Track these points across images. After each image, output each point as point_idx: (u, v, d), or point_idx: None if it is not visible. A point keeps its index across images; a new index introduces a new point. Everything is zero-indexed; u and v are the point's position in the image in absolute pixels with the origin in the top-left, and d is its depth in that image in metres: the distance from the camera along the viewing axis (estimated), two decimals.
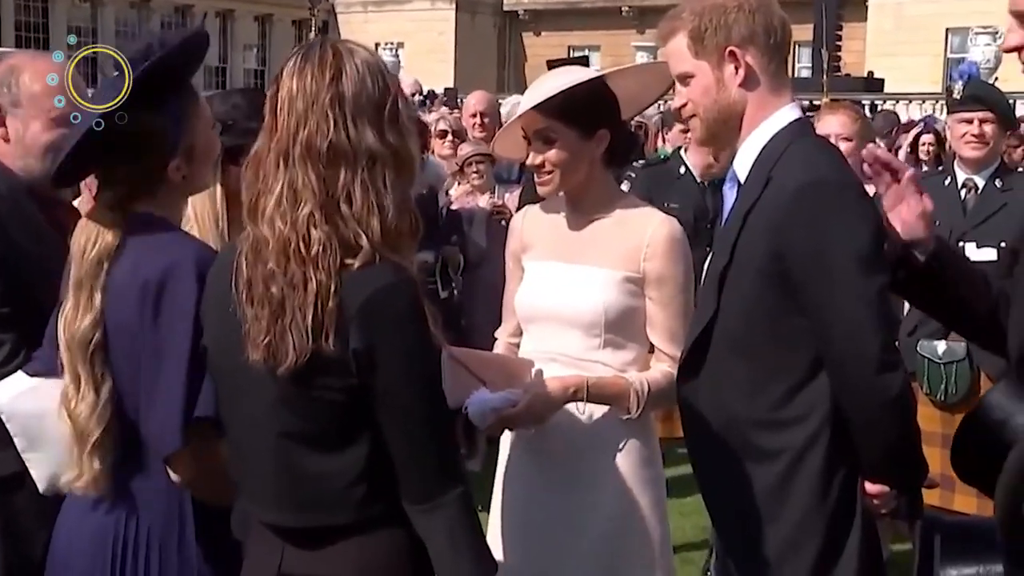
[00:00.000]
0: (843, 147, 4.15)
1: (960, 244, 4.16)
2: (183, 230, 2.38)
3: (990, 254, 4.16)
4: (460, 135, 6.72)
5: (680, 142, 5.94)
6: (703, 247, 3.42)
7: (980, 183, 4.42)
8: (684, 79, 2.49)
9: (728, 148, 2.58)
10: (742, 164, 2.47)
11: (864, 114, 5.31)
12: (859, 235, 2.29)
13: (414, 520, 1.91)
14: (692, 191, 5.25)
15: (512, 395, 2.47)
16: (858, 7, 33.95)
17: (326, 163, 1.88)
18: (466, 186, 6.17)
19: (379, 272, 1.87)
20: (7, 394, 2.36)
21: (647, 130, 8.38)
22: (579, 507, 2.71)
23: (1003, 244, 4.13)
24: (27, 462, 2.35)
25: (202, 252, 2.21)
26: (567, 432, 2.69)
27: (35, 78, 2.70)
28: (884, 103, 20.50)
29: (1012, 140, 7.67)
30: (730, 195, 2.54)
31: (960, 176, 4.46)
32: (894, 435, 2.31)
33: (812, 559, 2.38)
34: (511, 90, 25.65)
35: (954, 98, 7.26)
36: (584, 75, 2.74)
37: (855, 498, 2.38)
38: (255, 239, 1.91)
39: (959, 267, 2.44)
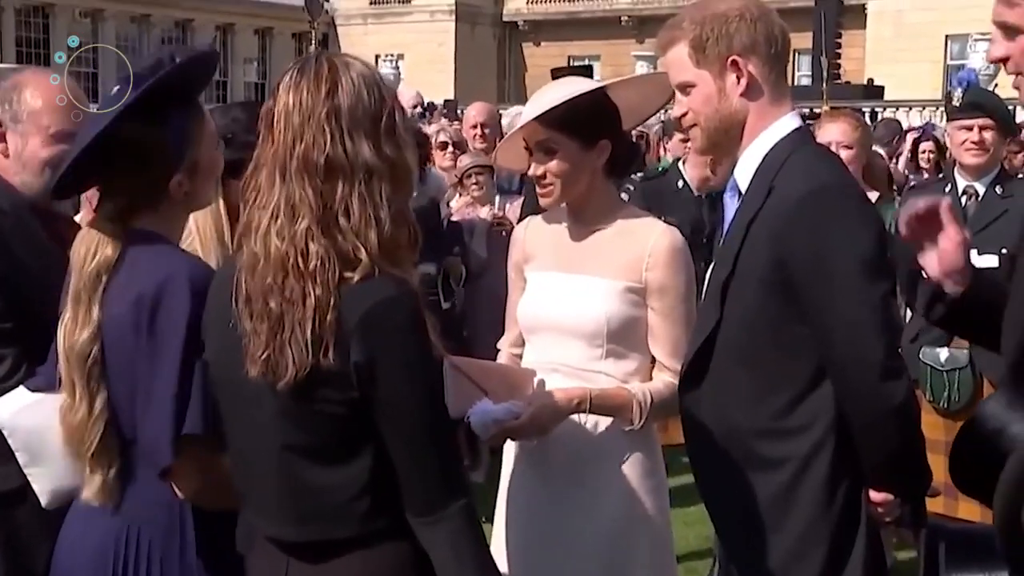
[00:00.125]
0: (844, 155, 4.17)
1: None
2: (179, 246, 2.38)
3: (991, 261, 4.13)
4: (461, 146, 6.71)
5: (680, 152, 5.93)
6: (700, 261, 3.41)
7: (980, 190, 4.41)
8: (684, 88, 2.49)
9: (728, 157, 2.58)
10: (743, 174, 2.47)
11: (865, 122, 5.32)
12: (861, 240, 2.29)
13: (418, 532, 1.90)
14: (690, 204, 5.24)
15: (515, 407, 2.47)
16: (857, 15, 33.96)
17: (323, 177, 1.88)
18: (466, 198, 6.18)
19: (379, 285, 1.87)
20: (8, 409, 2.36)
21: (649, 140, 8.37)
22: (582, 518, 2.71)
23: (1004, 250, 4.12)
24: (29, 477, 2.35)
25: (196, 267, 2.21)
26: (570, 443, 2.69)
27: (36, 94, 2.71)
28: (884, 110, 20.52)
29: (1012, 146, 7.66)
30: (731, 204, 2.54)
31: (960, 183, 4.45)
32: (897, 443, 2.30)
33: (817, 569, 2.37)
34: (511, 101, 25.70)
35: (954, 105, 7.25)
36: (585, 86, 2.75)
37: (859, 507, 2.38)
38: (253, 254, 1.91)
39: (996, 289, 2.37)
